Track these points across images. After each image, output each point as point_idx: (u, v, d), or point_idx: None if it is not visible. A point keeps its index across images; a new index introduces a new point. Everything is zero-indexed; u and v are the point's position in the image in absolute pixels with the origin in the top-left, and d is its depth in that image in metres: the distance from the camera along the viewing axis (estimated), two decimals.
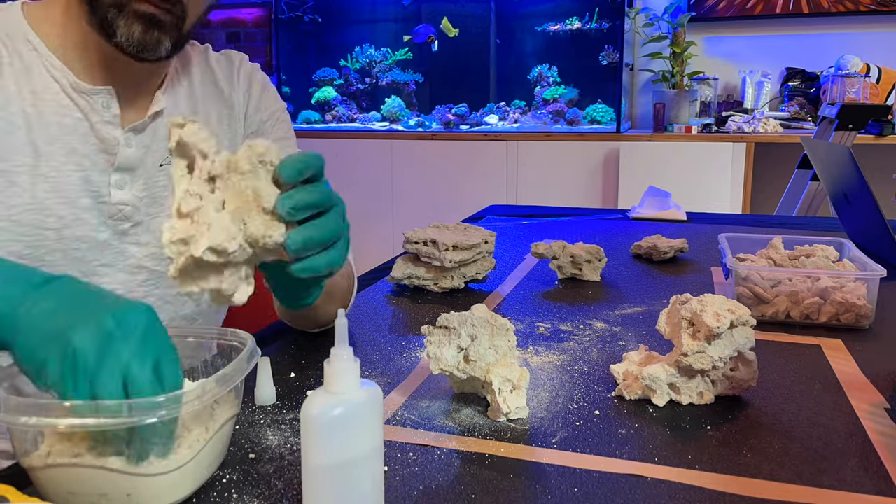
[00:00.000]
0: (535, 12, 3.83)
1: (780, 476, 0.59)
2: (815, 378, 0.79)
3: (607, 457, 0.62)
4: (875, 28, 3.40)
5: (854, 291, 0.95)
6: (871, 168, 2.34)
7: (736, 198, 3.16)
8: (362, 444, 0.50)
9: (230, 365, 0.56)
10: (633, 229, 1.62)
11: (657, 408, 0.72)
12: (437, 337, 0.71)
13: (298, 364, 0.84)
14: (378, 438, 0.51)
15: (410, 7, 3.98)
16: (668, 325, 0.76)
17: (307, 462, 0.49)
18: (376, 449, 0.51)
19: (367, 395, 0.50)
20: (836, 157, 1.38)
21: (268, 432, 0.67)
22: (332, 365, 0.49)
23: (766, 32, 3.55)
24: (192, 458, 0.54)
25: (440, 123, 3.78)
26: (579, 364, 0.83)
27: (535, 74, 3.83)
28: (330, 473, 0.49)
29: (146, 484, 0.52)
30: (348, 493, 0.50)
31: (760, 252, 1.11)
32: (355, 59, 4.08)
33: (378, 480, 0.52)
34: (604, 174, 3.36)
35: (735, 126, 3.25)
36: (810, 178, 2.67)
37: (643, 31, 3.43)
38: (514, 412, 0.69)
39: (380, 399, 0.51)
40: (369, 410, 0.50)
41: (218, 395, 0.54)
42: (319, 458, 0.49)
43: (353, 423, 0.49)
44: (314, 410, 0.48)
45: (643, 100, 3.76)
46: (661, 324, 0.76)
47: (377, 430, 0.51)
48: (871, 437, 0.66)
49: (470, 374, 0.70)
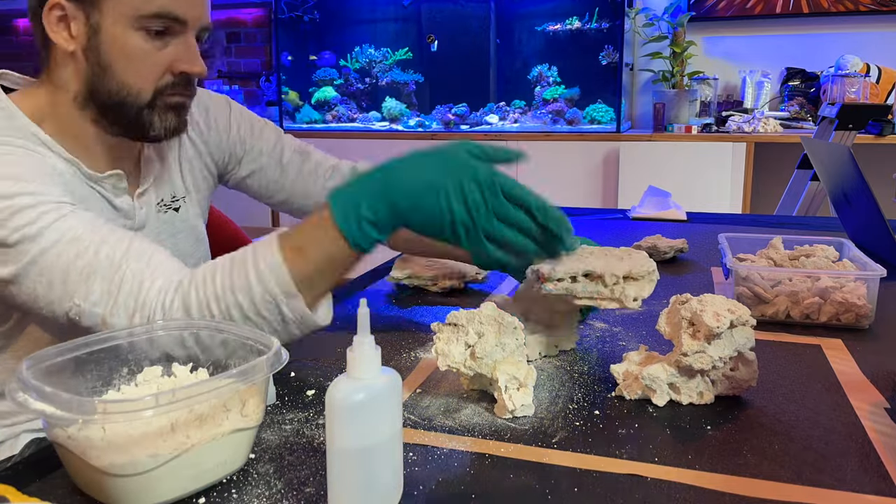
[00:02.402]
0: (535, 12, 3.82)
1: (780, 476, 0.59)
2: (815, 378, 0.79)
3: (607, 457, 0.62)
4: (875, 28, 3.40)
5: (854, 291, 0.95)
6: (871, 168, 2.35)
7: (736, 198, 3.16)
8: (383, 428, 0.52)
9: (249, 364, 0.57)
10: (633, 229, 1.61)
11: (657, 408, 0.72)
12: (446, 334, 0.72)
13: (298, 364, 0.84)
14: (398, 423, 0.54)
15: (410, 7, 3.98)
16: (668, 325, 0.76)
17: (331, 445, 0.51)
18: (396, 433, 0.54)
19: (388, 380, 0.53)
20: (836, 157, 1.38)
21: (268, 432, 0.67)
22: (355, 352, 0.51)
23: (765, 32, 3.55)
24: (177, 456, 0.54)
25: (440, 123, 3.78)
26: (579, 364, 0.83)
27: (535, 74, 3.83)
28: (353, 456, 0.51)
29: None
30: (370, 474, 0.52)
31: (760, 252, 1.11)
32: (355, 59, 4.08)
33: (398, 463, 0.54)
34: (604, 174, 3.36)
35: (735, 126, 3.25)
36: (810, 178, 2.67)
37: (643, 31, 3.43)
38: (520, 409, 0.69)
39: (399, 384, 0.54)
40: (389, 395, 0.52)
41: (223, 391, 0.54)
42: (343, 441, 0.51)
43: (374, 407, 0.51)
44: (338, 395, 0.51)
45: (643, 100, 3.76)
46: (661, 324, 0.76)
47: (397, 415, 0.53)
48: (871, 437, 0.66)
49: (476, 370, 0.70)
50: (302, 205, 1.13)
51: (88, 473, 0.55)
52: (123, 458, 0.53)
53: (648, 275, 0.79)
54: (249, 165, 1.10)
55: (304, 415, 0.71)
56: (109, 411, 0.50)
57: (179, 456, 0.54)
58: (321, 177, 1.12)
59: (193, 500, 0.56)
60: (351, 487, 0.52)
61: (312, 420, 0.69)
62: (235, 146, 1.09)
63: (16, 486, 0.52)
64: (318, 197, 1.12)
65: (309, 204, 1.13)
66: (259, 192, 1.13)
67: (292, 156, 1.12)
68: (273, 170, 1.10)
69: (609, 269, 0.78)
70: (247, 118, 1.11)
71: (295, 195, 1.12)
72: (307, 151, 1.14)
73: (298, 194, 1.12)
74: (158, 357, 0.67)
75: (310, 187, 1.12)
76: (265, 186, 1.12)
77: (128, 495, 0.54)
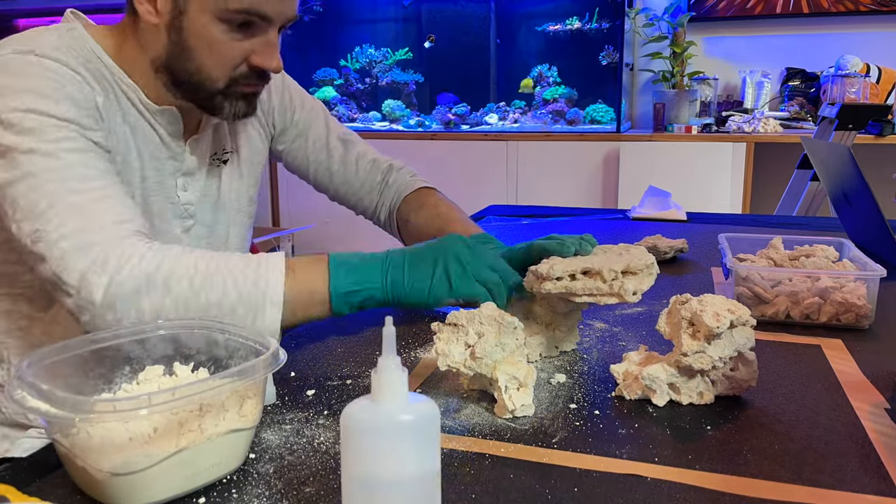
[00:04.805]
0: (535, 12, 3.83)
1: (780, 476, 0.59)
2: (815, 378, 0.79)
3: (607, 457, 0.62)
4: (875, 28, 3.40)
5: (854, 291, 0.95)
6: (871, 168, 2.34)
7: (736, 198, 3.16)
8: (407, 464, 0.45)
9: (247, 364, 0.57)
10: (633, 229, 1.61)
11: (657, 408, 0.72)
12: (446, 334, 0.72)
13: (298, 364, 0.84)
14: (429, 461, 0.46)
15: (410, 7, 3.98)
16: (668, 325, 0.76)
17: (345, 471, 0.46)
18: (428, 473, 0.46)
19: (418, 409, 0.45)
20: (836, 157, 1.38)
21: (268, 432, 0.67)
22: (380, 374, 0.45)
23: (766, 32, 3.55)
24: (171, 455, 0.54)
25: (440, 123, 3.78)
26: (579, 364, 0.83)
27: (535, 74, 3.83)
28: (366, 487, 0.45)
29: None
30: None
31: (760, 252, 1.11)
32: (355, 59, 4.08)
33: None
34: (604, 174, 3.36)
35: (735, 126, 3.25)
36: (810, 178, 2.67)
37: (643, 31, 3.43)
38: (520, 409, 0.69)
39: (435, 416, 0.46)
40: (417, 426, 0.45)
41: (221, 389, 0.54)
42: (357, 469, 0.45)
43: (397, 437, 0.44)
44: (354, 416, 0.45)
45: (643, 100, 3.76)
46: (661, 324, 0.76)
47: (429, 451, 0.45)
48: (871, 437, 0.66)
49: (476, 370, 0.70)
50: (339, 190, 1.19)
51: (85, 472, 0.55)
52: (118, 457, 0.53)
53: (647, 268, 0.79)
54: (296, 139, 1.14)
55: (304, 415, 0.71)
56: (104, 410, 0.50)
57: (173, 455, 0.54)
58: (362, 169, 1.18)
59: (193, 499, 0.56)
60: None
61: (312, 420, 0.69)
62: (286, 112, 1.12)
63: (16, 486, 0.52)
64: (356, 188, 1.19)
65: (345, 192, 1.19)
66: (300, 168, 1.17)
67: (336, 143, 1.17)
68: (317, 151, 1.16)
69: (607, 264, 0.78)
70: (298, 91, 1.15)
71: (334, 182, 1.18)
72: (351, 141, 1.19)
73: (338, 181, 1.18)
74: (160, 356, 0.67)
75: (350, 177, 1.18)
76: (306, 163, 1.16)
77: (122, 494, 0.54)
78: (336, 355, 0.87)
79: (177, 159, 0.96)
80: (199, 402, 0.55)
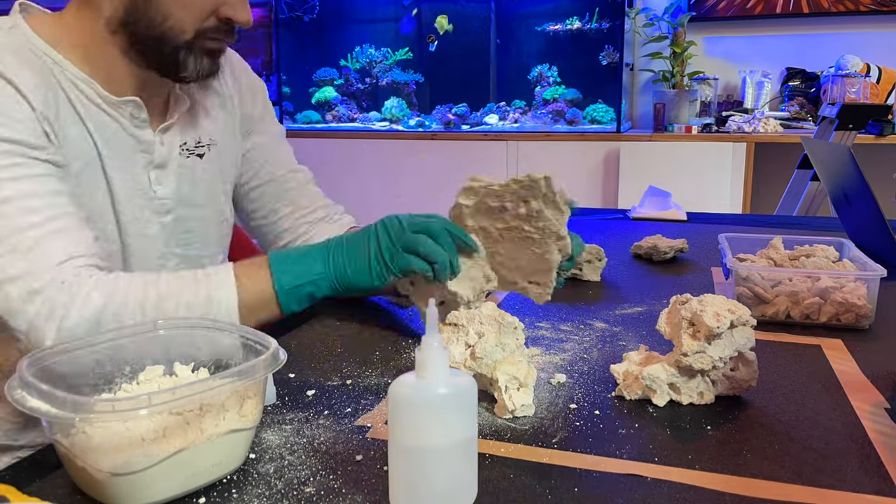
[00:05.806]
0: (535, 12, 3.82)
1: (780, 476, 0.59)
2: (815, 378, 0.79)
3: (607, 457, 0.62)
4: (875, 28, 3.40)
5: (854, 291, 0.95)
6: (871, 168, 2.34)
7: (736, 198, 3.16)
8: (449, 431, 0.50)
9: (246, 364, 0.57)
10: (633, 229, 1.61)
11: (657, 408, 0.72)
12: (446, 334, 0.72)
13: (298, 364, 0.84)
14: (468, 430, 0.52)
15: (410, 7, 3.98)
16: (668, 325, 0.76)
17: (393, 443, 0.51)
18: (467, 439, 0.51)
19: (457, 383, 0.51)
20: (836, 157, 1.38)
21: (268, 432, 0.67)
22: (423, 352, 0.51)
23: (766, 32, 3.55)
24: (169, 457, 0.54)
25: (440, 123, 3.78)
26: (579, 364, 0.83)
27: (535, 74, 3.83)
28: (410, 457, 0.50)
29: None
30: (432, 476, 0.50)
31: (760, 252, 1.11)
32: (355, 59, 4.08)
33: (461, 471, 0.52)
34: (604, 174, 3.36)
35: (735, 126, 3.25)
36: (810, 178, 2.67)
37: (643, 31, 3.43)
38: (520, 410, 0.69)
39: (473, 389, 0.52)
40: (457, 398, 0.51)
41: (218, 390, 0.54)
42: (404, 440, 0.50)
43: (439, 408, 0.50)
44: (401, 391, 0.50)
45: (643, 100, 3.76)
46: (661, 324, 0.76)
47: (467, 420, 0.52)
48: (871, 437, 0.66)
49: (476, 370, 0.70)
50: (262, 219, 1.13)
51: (85, 472, 0.54)
52: (118, 457, 0.53)
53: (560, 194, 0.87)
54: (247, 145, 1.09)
55: (304, 415, 0.71)
56: (104, 410, 0.50)
57: (174, 455, 0.54)
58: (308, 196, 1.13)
59: (193, 500, 0.56)
60: (412, 489, 0.51)
61: (312, 420, 0.69)
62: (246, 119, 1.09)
63: (16, 486, 0.52)
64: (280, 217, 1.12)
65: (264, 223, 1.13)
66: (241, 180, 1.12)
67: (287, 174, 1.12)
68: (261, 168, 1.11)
69: None
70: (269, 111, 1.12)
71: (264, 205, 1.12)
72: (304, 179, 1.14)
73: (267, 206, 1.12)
74: (160, 356, 0.67)
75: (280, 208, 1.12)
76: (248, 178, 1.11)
77: (122, 494, 0.54)
78: (336, 355, 0.87)
79: (147, 151, 0.92)
80: (199, 402, 0.55)
